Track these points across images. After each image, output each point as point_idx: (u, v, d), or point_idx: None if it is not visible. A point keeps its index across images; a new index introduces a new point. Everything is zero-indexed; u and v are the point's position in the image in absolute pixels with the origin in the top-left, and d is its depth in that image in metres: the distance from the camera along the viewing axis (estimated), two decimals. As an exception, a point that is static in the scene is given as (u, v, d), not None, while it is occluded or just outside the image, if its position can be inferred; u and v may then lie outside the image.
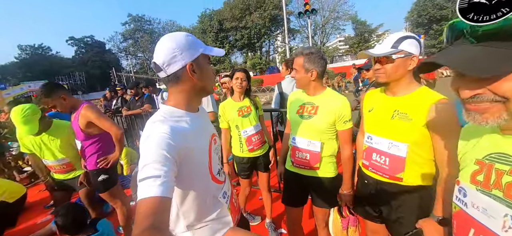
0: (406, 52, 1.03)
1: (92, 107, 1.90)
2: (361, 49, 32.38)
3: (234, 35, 34.83)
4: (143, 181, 0.60)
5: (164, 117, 0.77)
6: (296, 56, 1.40)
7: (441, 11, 26.40)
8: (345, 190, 1.42)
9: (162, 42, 0.78)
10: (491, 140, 0.59)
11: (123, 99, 4.50)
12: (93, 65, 43.16)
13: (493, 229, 0.54)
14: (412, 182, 1.10)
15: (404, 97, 1.09)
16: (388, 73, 1.06)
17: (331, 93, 1.42)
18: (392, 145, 1.11)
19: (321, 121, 1.39)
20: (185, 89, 0.81)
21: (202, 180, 0.85)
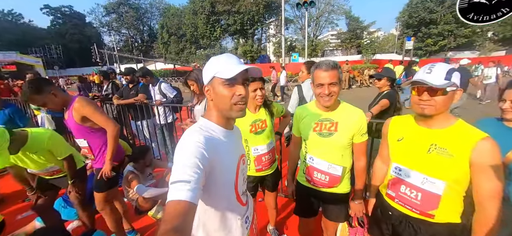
0: (456, 85, 0.96)
1: (86, 101, 1.73)
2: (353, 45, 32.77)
3: (226, 19, 33.55)
4: (174, 183, 0.64)
5: (201, 128, 0.82)
6: (332, 69, 1.24)
7: (431, 15, 27.10)
8: (357, 201, 1.44)
9: None
10: None
11: (114, 85, 4.12)
12: (71, 39, 39.97)
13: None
14: (443, 219, 1.06)
15: (442, 130, 1.03)
16: (438, 106, 0.98)
17: (347, 107, 1.37)
18: (426, 181, 1.05)
19: (343, 137, 1.33)
20: (211, 107, 0.87)
21: (226, 196, 0.88)
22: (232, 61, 0.81)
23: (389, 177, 1.21)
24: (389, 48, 31.25)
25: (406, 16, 29.17)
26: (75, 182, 1.96)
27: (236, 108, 0.82)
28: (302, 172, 1.55)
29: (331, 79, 1.22)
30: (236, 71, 0.76)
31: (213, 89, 0.82)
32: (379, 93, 2.54)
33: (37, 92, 1.60)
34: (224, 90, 0.80)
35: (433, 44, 27.52)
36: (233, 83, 0.79)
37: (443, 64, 1.00)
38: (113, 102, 3.52)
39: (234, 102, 0.81)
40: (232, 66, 0.78)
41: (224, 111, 0.83)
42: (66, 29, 40.33)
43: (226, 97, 0.80)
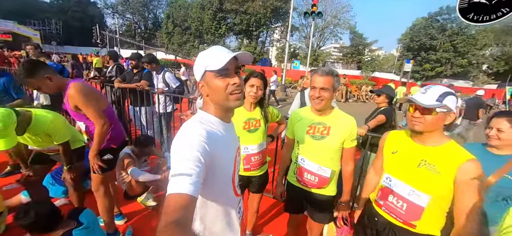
0: (448, 107, 1.03)
1: (80, 88, 1.63)
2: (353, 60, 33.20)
3: (233, 18, 33.64)
4: (175, 176, 0.63)
5: (201, 121, 0.81)
6: (326, 75, 1.34)
7: (432, 41, 27.82)
8: (344, 202, 1.53)
9: None
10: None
11: (118, 68, 4.09)
12: (73, 16, 39.21)
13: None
14: (424, 230, 1.13)
15: (433, 148, 1.10)
16: (427, 124, 1.06)
17: (340, 114, 1.46)
18: (413, 193, 1.12)
19: (335, 141, 1.41)
20: (208, 102, 0.86)
21: (224, 189, 0.89)
22: (220, 52, 0.79)
23: (380, 186, 1.29)
24: (388, 68, 31.89)
25: (408, 39, 29.85)
26: (71, 168, 1.93)
27: (233, 98, 0.81)
28: (293, 172, 1.62)
29: (323, 84, 1.32)
30: (226, 60, 0.75)
31: (207, 83, 0.82)
32: (377, 109, 2.63)
33: (31, 75, 1.56)
34: (218, 81, 0.79)
35: (430, 69, 28.21)
36: (225, 73, 0.78)
37: (440, 87, 1.08)
38: (115, 85, 3.51)
39: (230, 91, 0.80)
40: (221, 56, 0.77)
41: (221, 103, 0.82)
42: (68, 6, 39.54)
43: (221, 89, 0.79)
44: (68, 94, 1.62)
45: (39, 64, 1.62)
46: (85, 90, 1.65)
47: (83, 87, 1.65)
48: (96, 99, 1.73)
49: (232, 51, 0.81)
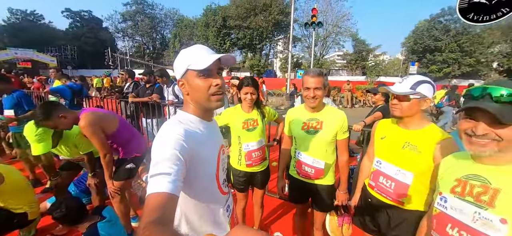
0: (422, 94, 1.17)
1: (89, 119, 1.77)
2: (358, 66, 33.09)
3: (237, 33, 34.75)
4: (154, 176, 0.63)
5: (180, 120, 0.82)
6: (318, 75, 1.48)
7: (436, 42, 27.60)
8: (341, 190, 1.66)
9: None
10: (466, 166, 0.88)
11: (135, 85, 4.43)
12: (86, 41, 41.60)
13: (465, 222, 0.83)
14: (411, 207, 1.25)
15: (415, 131, 1.24)
16: (403, 110, 1.21)
17: (331, 109, 1.61)
18: (399, 172, 1.25)
19: (327, 134, 1.55)
20: (188, 101, 0.87)
21: (208, 187, 0.88)
22: (203, 52, 0.79)
23: (372, 170, 1.42)
24: (393, 72, 31.61)
25: (412, 42, 29.74)
26: (95, 174, 2.15)
27: (214, 99, 0.81)
28: (293, 166, 1.76)
29: (316, 84, 1.47)
30: (210, 61, 0.75)
31: (188, 82, 0.81)
32: (375, 107, 2.76)
33: (47, 118, 1.73)
34: (200, 82, 0.79)
35: (437, 70, 27.77)
36: (208, 74, 0.78)
37: (416, 76, 1.23)
38: (129, 100, 3.80)
39: (212, 92, 0.80)
40: (205, 57, 0.76)
41: (202, 102, 0.82)
42: (82, 32, 42.11)
43: (203, 89, 0.79)
44: (79, 125, 1.78)
45: (53, 106, 1.79)
46: (93, 121, 1.78)
47: (91, 119, 1.78)
48: (103, 128, 1.85)
49: (217, 53, 0.81)
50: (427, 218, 1.10)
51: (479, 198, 0.80)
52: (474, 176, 0.83)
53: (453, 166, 0.94)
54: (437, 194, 0.96)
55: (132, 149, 2.05)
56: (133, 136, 2.11)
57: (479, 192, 0.80)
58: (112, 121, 1.94)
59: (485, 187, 0.79)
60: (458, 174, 0.89)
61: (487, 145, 0.75)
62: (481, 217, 0.79)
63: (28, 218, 2.02)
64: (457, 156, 0.96)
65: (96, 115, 1.85)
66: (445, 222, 0.89)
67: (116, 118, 2.03)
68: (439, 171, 1.00)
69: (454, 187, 0.88)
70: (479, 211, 0.79)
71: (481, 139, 0.76)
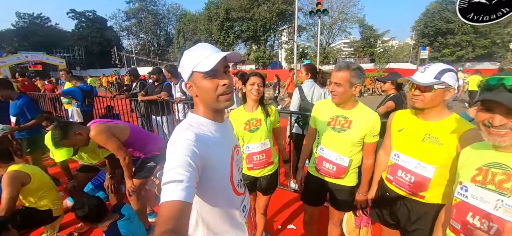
0: (446, 84, 1.10)
1: (98, 130, 1.79)
2: (366, 53, 32.27)
3: (240, 25, 34.42)
4: (166, 184, 0.63)
5: (191, 124, 0.80)
6: (340, 70, 1.37)
7: (448, 25, 26.46)
8: (361, 193, 1.55)
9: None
10: (487, 155, 0.87)
11: (141, 84, 4.48)
12: (93, 41, 42.33)
13: (487, 210, 0.83)
14: (433, 200, 1.20)
15: (436, 122, 1.18)
16: (426, 101, 1.14)
17: (364, 108, 1.47)
18: (419, 166, 1.20)
19: (355, 135, 1.43)
20: (197, 102, 0.85)
21: (223, 190, 0.87)
22: (207, 51, 0.77)
23: (389, 163, 1.37)
24: (403, 58, 30.65)
25: (422, 25, 28.64)
26: (113, 177, 2.21)
27: (222, 99, 0.79)
28: (312, 162, 1.67)
29: (337, 79, 1.38)
30: (215, 61, 0.72)
31: (195, 84, 0.79)
32: (386, 96, 2.67)
33: (64, 137, 1.75)
34: (207, 83, 0.77)
35: (450, 54, 26.73)
36: (214, 74, 0.76)
37: (439, 65, 1.16)
38: (138, 99, 3.85)
39: (220, 93, 0.78)
40: (210, 57, 0.74)
41: (211, 104, 0.81)
42: (88, 33, 42.80)
43: (211, 90, 0.77)
44: (90, 136, 1.79)
45: (68, 126, 1.81)
46: (103, 128, 1.80)
47: (101, 127, 1.81)
48: (115, 134, 1.86)
49: (221, 51, 0.79)
50: (445, 208, 1.07)
51: (501, 186, 0.80)
52: (495, 164, 0.83)
53: (473, 156, 0.92)
54: (457, 183, 0.94)
55: (151, 149, 2.10)
56: (148, 138, 2.15)
57: (502, 180, 0.80)
58: (122, 129, 1.96)
59: (507, 174, 0.79)
60: (478, 163, 0.88)
61: (506, 135, 0.76)
62: (504, 204, 0.78)
63: (53, 215, 2.13)
64: (476, 146, 0.94)
65: (105, 124, 1.88)
66: (465, 211, 0.89)
67: (126, 126, 2.02)
68: (459, 161, 0.98)
69: (475, 176, 0.88)
70: (502, 199, 0.79)
71: (500, 129, 0.76)
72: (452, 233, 0.92)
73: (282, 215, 2.62)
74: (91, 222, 1.60)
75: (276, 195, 2.89)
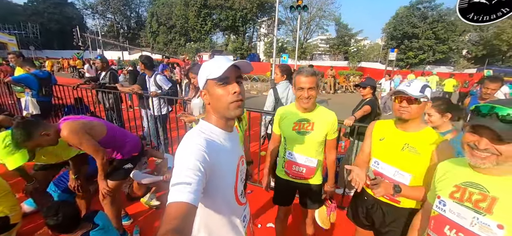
0: (427, 97, 1.20)
1: (70, 128, 1.60)
2: (340, 51, 33.64)
3: (218, 14, 33.24)
4: (175, 185, 0.65)
5: (202, 131, 0.83)
6: (311, 75, 1.45)
7: (414, 29, 28.72)
8: (329, 185, 1.73)
9: None
10: (465, 173, 0.93)
11: (112, 74, 4.05)
12: (50, 18, 37.33)
13: (463, 225, 0.90)
14: (407, 205, 1.31)
15: (414, 133, 1.26)
16: (412, 112, 1.22)
17: (322, 109, 1.60)
18: (397, 173, 1.29)
19: (319, 135, 1.55)
20: (210, 110, 0.87)
21: (226, 198, 0.89)
22: (221, 61, 0.81)
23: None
24: (373, 57, 32.69)
25: (392, 28, 30.68)
26: (78, 177, 2.00)
27: (233, 106, 0.81)
28: (281, 167, 1.72)
29: (310, 84, 1.43)
30: (225, 67, 0.76)
31: (208, 92, 0.83)
32: (362, 100, 2.82)
33: (28, 138, 1.55)
34: (219, 90, 0.80)
35: (413, 57, 29.19)
36: (226, 81, 0.79)
37: (419, 81, 1.26)
38: (110, 91, 3.52)
39: (231, 100, 0.80)
40: (221, 65, 0.78)
41: (222, 111, 0.83)
42: (44, 8, 37.54)
43: (222, 97, 0.80)
44: (62, 135, 1.60)
45: (32, 126, 1.58)
46: (77, 127, 1.63)
47: (75, 126, 1.62)
48: (89, 132, 1.68)
49: (232, 60, 0.83)
50: (420, 217, 1.16)
51: (477, 205, 0.86)
52: (472, 184, 0.89)
53: (451, 171, 0.98)
54: (435, 197, 1.01)
55: (129, 150, 1.94)
56: (126, 138, 1.97)
57: (478, 199, 0.86)
58: (97, 128, 1.77)
59: (483, 195, 0.85)
60: (456, 181, 0.94)
61: (486, 159, 0.82)
62: (480, 222, 0.85)
63: (10, 222, 1.86)
64: (455, 162, 1.01)
65: (79, 122, 1.68)
66: (443, 224, 0.95)
67: (102, 125, 1.86)
68: (437, 174, 1.04)
69: (453, 193, 0.94)
70: (478, 217, 0.86)
71: (482, 152, 0.82)
72: None
73: (262, 214, 2.65)
74: (60, 232, 1.43)
75: (256, 195, 2.92)
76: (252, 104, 8.72)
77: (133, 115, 4.09)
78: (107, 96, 3.72)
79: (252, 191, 3.03)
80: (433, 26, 27.71)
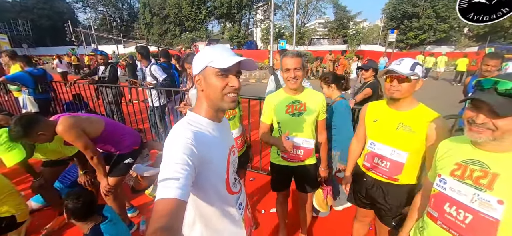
0: (418, 75, 1.19)
1: (66, 125, 1.60)
2: (339, 34, 33.06)
3: (213, 1, 32.39)
4: (162, 181, 0.64)
5: (189, 123, 0.82)
6: (295, 56, 1.47)
7: (414, 8, 28.10)
8: (323, 167, 1.77)
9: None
10: (466, 151, 0.93)
11: (113, 69, 3.98)
12: (40, 14, 36.41)
13: (463, 201, 0.89)
14: (405, 181, 1.34)
15: (407, 112, 1.27)
16: (403, 91, 1.22)
17: (310, 91, 1.63)
18: (394, 152, 1.30)
19: (311, 115, 1.57)
20: (201, 98, 0.85)
21: (218, 189, 0.89)
22: (227, 52, 0.80)
23: (365, 152, 1.47)
24: (373, 40, 32.19)
25: (391, 8, 29.98)
26: (87, 172, 2.03)
27: (227, 99, 0.81)
28: (276, 154, 1.71)
29: (296, 65, 1.44)
30: (232, 62, 0.75)
31: (205, 78, 0.80)
32: (364, 83, 2.79)
33: (26, 136, 1.57)
34: (217, 80, 0.78)
35: (414, 37, 28.73)
36: (226, 73, 0.78)
37: (410, 59, 1.24)
38: (109, 86, 3.51)
39: (226, 92, 0.80)
40: (228, 57, 0.77)
41: (215, 101, 0.82)
42: (33, 3, 36.54)
43: (218, 88, 0.78)
44: (57, 131, 1.61)
45: (31, 123, 1.59)
46: (73, 124, 1.63)
47: (70, 122, 1.62)
48: (85, 129, 1.69)
49: (236, 55, 0.82)
50: (421, 195, 1.18)
51: (478, 181, 0.86)
52: (473, 161, 0.89)
53: (452, 150, 0.98)
54: (436, 175, 1.02)
55: (128, 145, 1.94)
56: (124, 132, 1.97)
57: (479, 176, 0.86)
58: (94, 124, 1.77)
59: (484, 171, 0.85)
60: (457, 158, 0.94)
61: (482, 133, 0.81)
62: (480, 198, 0.86)
63: (17, 220, 1.91)
64: (456, 140, 1.01)
65: (75, 118, 1.69)
66: (443, 201, 0.96)
67: (100, 120, 1.86)
68: (437, 153, 1.04)
69: (453, 170, 0.94)
70: (478, 193, 0.85)
71: (479, 127, 0.82)
72: (430, 220, 1.00)
73: (265, 200, 2.71)
74: (76, 218, 1.46)
75: (258, 182, 2.98)
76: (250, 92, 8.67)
77: (132, 109, 4.07)
78: (106, 91, 3.70)
79: (254, 178, 3.08)
80: (433, 4, 27.07)
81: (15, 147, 1.65)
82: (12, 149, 1.64)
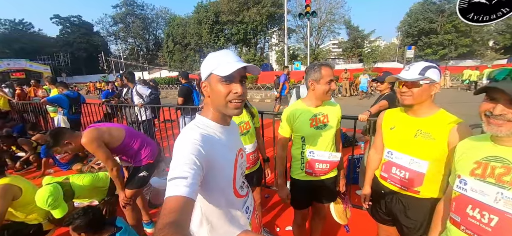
0: (431, 79, 1.15)
1: (90, 137, 1.74)
2: (354, 53, 33.02)
3: (230, 28, 34.37)
4: (171, 180, 0.66)
5: (198, 125, 0.85)
6: (328, 67, 1.45)
7: (431, 25, 27.51)
8: (340, 176, 1.75)
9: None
10: (485, 148, 0.88)
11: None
12: (79, 47, 41.11)
13: (487, 202, 0.83)
14: (427, 194, 1.23)
15: (426, 118, 1.21)
16: (414, 96, 1.18)
17: (329, 102, 1.61)
18: (413, 162, 1.23)
19: (334, 126, 1.56)
20: (208, 103, 0.88)
21: (225, 192, 0.89)
22: (230, 58, 0.80)
23: (383, 161, 1.39)
24: (390, 57, 31.57)
25: (406, 26, 29.64)
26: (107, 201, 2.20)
27: (231, 106, 0.81)
28: (299, 169, 1.61)
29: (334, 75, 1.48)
30: (233, 69, 0.75)
31: (210, 85, 0.82)
32: (380, 95, 2.73)
33: (56, 144, 1.77)
34: (221, 87, 0.79)
35: (432, 53, 27.74)
36: (230, 80, 0.78)
37: (422, 62, 1.21)
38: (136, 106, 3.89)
39: (230, 99, 0.80)
40: (230, 63, 0.77)
41: (219, 108, 0.83)
42: (74, 38, 41.52)
43: (222, 94, 0.79)
44: (82, 143, 1.75)
45: (59, 134, 1.80)
46: (95, 136, 1.75)
47: (93, 135, 1.75)
48: (107, 142, 1.81)
49: (241, 60, 0.82)
50: (443, 201, 1.09)
51: (501, 179, 0.80)
52: (494, 157, 0.83)
53: (471, 149, 0.93)
54: (455, 177, 0.95)
55: (145, 157, 2.01)
56: (145, 143, 2.05)
57: (501, 173, 0.80)
58: (118, 132, 1.90)
59: (507, 167, 0.79)
60: (477, 157, 0.89)
61: (503, 125, 0.76)
62: (504, 197, 0.79)
63: (43, 229, 2.04)
64: (474, 139, 0.95)
65: (98, 130, 1.81)
66: (465, 204, 0.89)
67: (121, 130, 1.96)
68: (456, 155, 0.99)
69: (474, 170, 0.88)
70: (502, 192, 0.80)
71: (498, 119, 0.77)
72: (453, 225, 0.93)
73: (280, 218, 2.62)
74: (89, 233, 1.53)
75: (273, 199, 2.90)
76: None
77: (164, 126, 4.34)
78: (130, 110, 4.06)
79: (268, 195, 3.01)
80: (452, 19, 26.30)
81: (59, 204, 1.90)
82: (56, 206, 1.88)
